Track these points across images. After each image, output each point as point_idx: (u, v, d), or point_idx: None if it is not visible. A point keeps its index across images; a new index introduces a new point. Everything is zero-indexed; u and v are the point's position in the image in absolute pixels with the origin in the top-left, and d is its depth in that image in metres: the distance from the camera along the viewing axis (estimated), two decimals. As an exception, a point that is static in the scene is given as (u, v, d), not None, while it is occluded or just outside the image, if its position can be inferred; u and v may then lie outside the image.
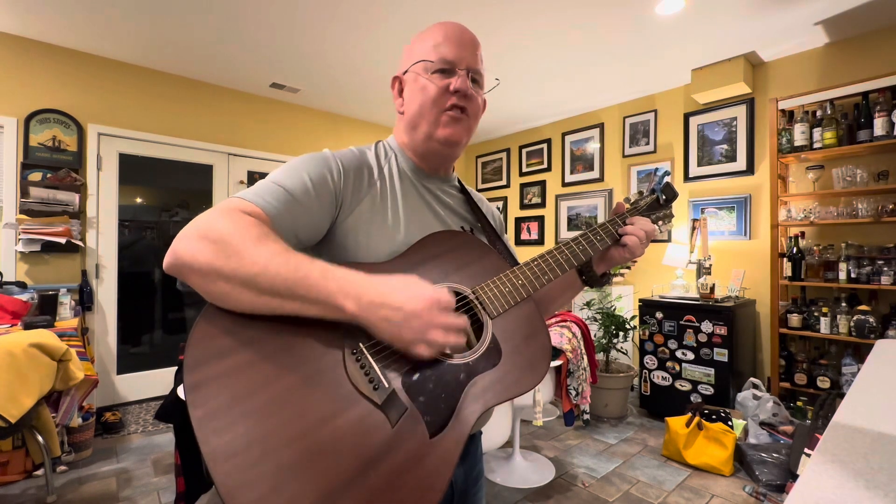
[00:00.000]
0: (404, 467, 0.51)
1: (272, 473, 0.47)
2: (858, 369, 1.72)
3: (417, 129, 0.74)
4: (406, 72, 0.75)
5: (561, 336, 2.41)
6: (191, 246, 0.53)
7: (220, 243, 0.52)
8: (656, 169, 0.80)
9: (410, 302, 0.53)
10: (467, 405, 0.58)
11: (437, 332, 0.54)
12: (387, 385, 0.55)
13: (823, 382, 2.55)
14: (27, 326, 2.23)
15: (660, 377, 3.06)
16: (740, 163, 3.20)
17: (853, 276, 2.52)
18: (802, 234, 2.78)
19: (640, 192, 0.90)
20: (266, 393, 0.51)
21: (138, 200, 3.44)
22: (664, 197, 0.88)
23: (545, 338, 0.68)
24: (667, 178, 0.89)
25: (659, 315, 3.07)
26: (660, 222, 0.88)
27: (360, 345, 0.57)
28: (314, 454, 0.49)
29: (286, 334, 0.55)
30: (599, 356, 3.14)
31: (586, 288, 0.87)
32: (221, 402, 0.49)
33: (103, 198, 3.14)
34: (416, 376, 0.58)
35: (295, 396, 0.51)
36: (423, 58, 0.72)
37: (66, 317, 2.65)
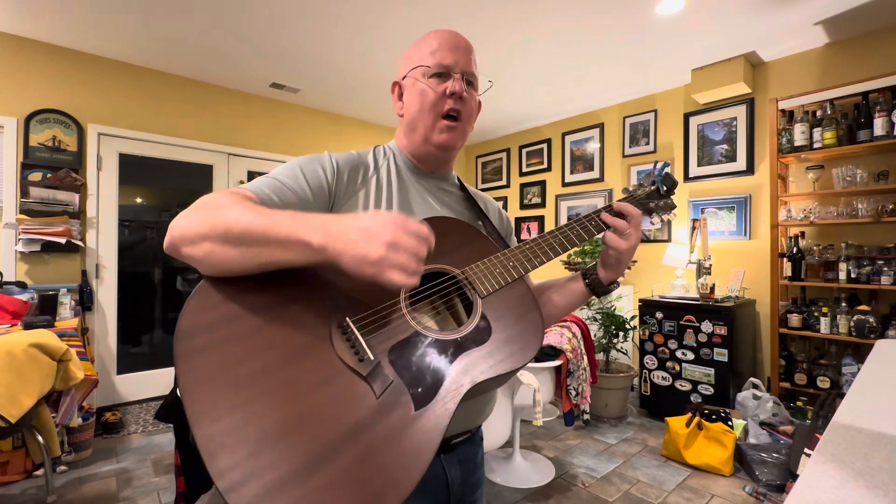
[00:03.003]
0: (388, 436, 0.51)
1: (253, 438, 0.47)
2: (858, 369, 1.72)
3: (416, 131, 0.78)
4: (405, 77, 0.79)
5: (561, 336, 2.41)
6: (181, 219, 0.57)
7: (205, 207, 0.57)
8: (656, 162, 0.81)
9: (376, 224, 0.52)
10: (455, 380, 0.58)
11: (398, 249, 0.52)
12: (372, 357, 0.56)
13: (823, 382, 2.55)
14: (27, 326, 2.23)
15: (660, 377, 3.06)
16: (740, 163, 3.20)
17: (853, 276, 2.52)
18: (802, 234, 2.78)
19: (641, 184, 0.89)
20: (253, 363, 0.52)
21: (138, 200, 3.44)
22: (664, 187, 0.86)
23: (537, 316, 0.67)
24: (667, 169, 0.88)
25: (659, 315, 3.07)
26: (660, 212, 0.86)
27: (347, 319, 0.58)
28: (297, 421, 0.49)
29: (275, 310, 0.56)
30: (599, 356, 3.14)
31: (593, 297, 0.84)
32: (210, 370, 0.50)
33: (103, 198, 3.14)
34: (402, 351, 0.58)
35: (281, 367, 0.53)
36: (421, 63, 0.76)
37: (66, 317, 2.65)
